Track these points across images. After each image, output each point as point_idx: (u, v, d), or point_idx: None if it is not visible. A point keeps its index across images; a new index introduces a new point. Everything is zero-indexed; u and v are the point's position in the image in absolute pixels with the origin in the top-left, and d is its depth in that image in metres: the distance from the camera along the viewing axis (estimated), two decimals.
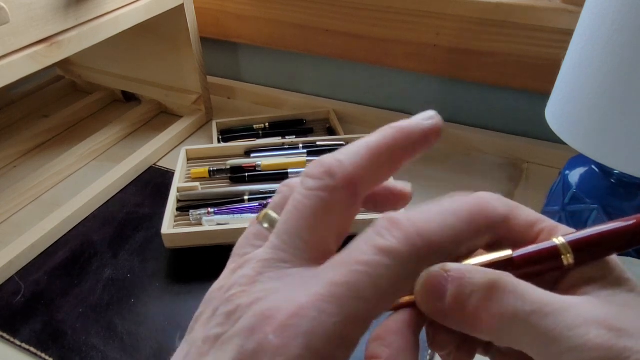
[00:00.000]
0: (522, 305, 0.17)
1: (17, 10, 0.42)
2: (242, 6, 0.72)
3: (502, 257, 0.20)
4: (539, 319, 0.17)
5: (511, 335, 0.17)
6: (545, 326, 0.17)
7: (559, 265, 0.19)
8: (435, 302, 0.19)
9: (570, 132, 0.36)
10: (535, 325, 0.17)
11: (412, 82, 0.69)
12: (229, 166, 0.57)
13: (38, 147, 0.67)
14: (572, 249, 0.19)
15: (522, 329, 0.17)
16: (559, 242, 0.19)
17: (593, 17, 0.33)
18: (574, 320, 0.17)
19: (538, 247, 0.20)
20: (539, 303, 0.17)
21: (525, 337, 0.17)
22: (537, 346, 0.17)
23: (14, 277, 0.47)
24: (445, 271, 0.19)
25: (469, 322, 0.18)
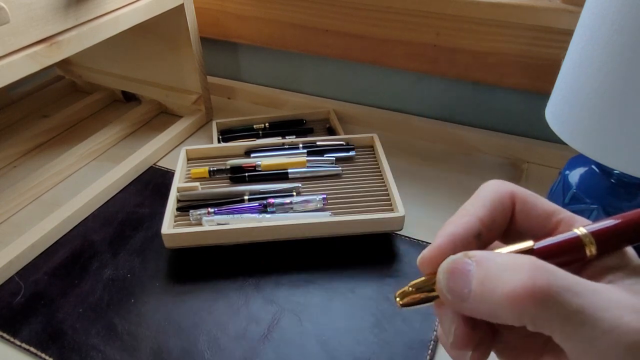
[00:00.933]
0: (555, 280, 0.16)
1: (17, 10, 0.42)
2: (242, 6, 0.72)
3: (523, 248, 0.20)
4: (572, 296, 0.16)
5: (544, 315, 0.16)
6: (579, 304, 0.16)
7: (581, 256, 0.19)
8: (461, 288, 0.18)
9: (570, 132, 0.36)
10: (568, 303, 0.16)
11: (412, 82, 0.69)
12: (229, 166, 0.57)
13: (38, 147, 0.67)
14: (595, 239, 0.19)
15: (555, 306, 0.16)
16: (581, 233, 0.19)
17: (593, 17, 0.33)
18: (608, 302, 0.16)
19: (560, 238, 0.19)
20: (572, 281, 0.16)
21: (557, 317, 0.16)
22: (569, 327, 0.16)
23: (14, 277, 0.47)
24: (469, 257, 0.18)
25: (499, 303, 0.17)
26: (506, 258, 0.18)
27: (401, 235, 0.50)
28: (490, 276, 0.17)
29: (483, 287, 0.17)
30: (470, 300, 0.18)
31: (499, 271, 0.17)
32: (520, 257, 0.17)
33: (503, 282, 0.17)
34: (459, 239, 0.20)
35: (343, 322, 0.42)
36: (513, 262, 0.17)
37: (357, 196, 0.52)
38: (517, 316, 0.17)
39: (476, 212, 0.21)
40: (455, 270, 0.18)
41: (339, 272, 0.47)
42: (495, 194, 0.21)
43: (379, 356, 0.39)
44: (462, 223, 0.21)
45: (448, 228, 0.21)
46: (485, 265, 0.18)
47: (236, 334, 0.41)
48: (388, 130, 0.68)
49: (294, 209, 0.50)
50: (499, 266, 0.17)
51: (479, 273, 0.18)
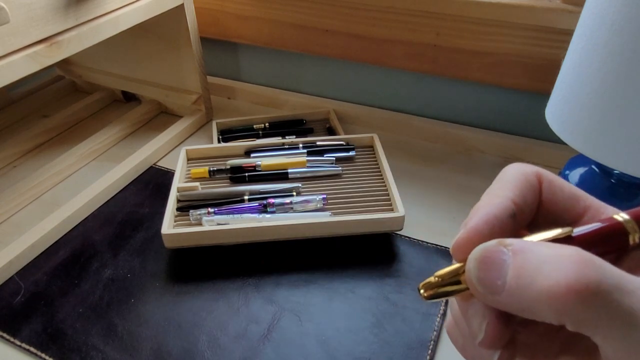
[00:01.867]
0: (605, 277, 0.14)
1: (17, 10, 0.42)
2: (242, 6, 0.72)
3: (561, 234, 0.18)
4: (622, 295, 0.14)
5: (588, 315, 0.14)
6: (628, 305, 0.14)
7: (624, 244, 0.18)
8: (494, 280, 0.16)
9: (570, 132, 0.36)
10: (618, 303, 0.14)
11: (412, 82, 0.69)
12: (229, 166, 0.57)
13: (38, 147, 0.67)
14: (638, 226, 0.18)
15: (603, 306, 0.14)
16: (623, 219, 0.18)
17: (593, 17, 0.33)
18: None
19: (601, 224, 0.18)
20: (622, 278, 0.15)
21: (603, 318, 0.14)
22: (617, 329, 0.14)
23: (14, 277, 0.47)
24: (505, 245, 0.17)
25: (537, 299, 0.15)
26: (548, 248, 0.16)
27: (401, 235, 0.50)
28: (528, 268, 0.16)
29: (520, 280, 0.16)
30: (504, 293, 0.16)
31: (539, 263, 0.15)
32: (565, 248, 0.15)
33: (544, 276, 0.15)
34: (495, 219, 0.18)
35: (343, 322, 0.42)
36: (557, 254, 0.15)
37: (357, 196, 0.52)
38: (557, 314, 0.15)
39: (506, 192, 0.19)
40: (488, 260, 0.17)
41: (339, 272, 0.47)
42: (522, 174, 0.20)
43: (379, 356, 0.39)
44: (496, 203, 0.19)
45: (482, 209, 0.19)
46: (524, 255, 0.16)
47: (236, 334, 0.41)
48: (388, 130, 0.68)
49: (294, 209, 0.50)
50: (540, 257, 0.16)
51: (515, 264, 0.16)
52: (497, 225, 0.18)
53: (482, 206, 0.19)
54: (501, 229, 0.18)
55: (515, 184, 0.20)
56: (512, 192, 0.19)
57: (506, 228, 0.19)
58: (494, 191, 0.20)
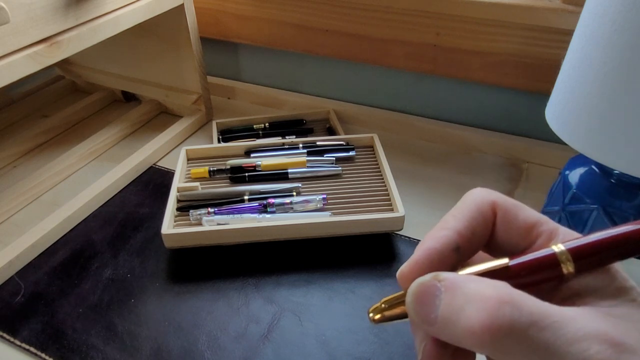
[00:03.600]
0: (520, 317, 0.16)
1: (17, 10, 0.42)
2: (242, 6, 0.72)
3: (498, 265, 0.19)
4: (537, 331, 0.16)
5: (507, 349, 0.16)
6: (544, 340, 0.16)
7: (558, 274, 0.18)
8: (428, 313, 0.18)
9: (570, 132, 0.36)
10: (533, 339, 0.16)
11: (412, 82, 0.69)
12: (229, 166, 0.57)
13: (38, 147, 0.67)
14: (572, 257, 0.18)
15: (519, 342, 0.16)
16: (558, 250, 0.18)
17: (593, 17, 0.33)
18: (575, 334, 0.16)
19: (536, 255, 0.19)
20: (538, 315, 0.16)
21: (522, 351, 0.16)
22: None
23: (14, 277, 0.47)
24: (439, 280, 0.18)
25: (462, 335, 0.17)
26: (475, 287, 0.17)
27: (401, 235, 0.50)
28: (455, 306, 0.17)
29: (448, 316, 0.17)
30: (437, 325, 0.18)
31: (464, 302, 0.17)
32: (489, 289, 0.17)
33: (466, 316, 0.17)
34: (435, 253, 0.20)
35: (343, 322, 0.42)
36: (480, 294, 0.17)
37: (357, 196, 0.52)
38: (479, 349, 0.17)
39: (455, 225, 0.21)
40: (423, 294, 0.18)
41: (339, 272, 0.47)
42: (475, 205, 0.21)
43: (379, 356, 0.39)
44: (440, 237, 0.20)
45: (426, 242, 0.21)
46: (453, 293, 0.18)
47: (236, 334, 0.41)
48: (388, 130, 0.68)
49: (294, 209, 0.50)
50: (465, 297, 0.17)
51: (445, 300, 0.18)
52: (437, 260, 0.20)
53: (429, 238, 0.21)
54: (441, 263, 0.20)
55: (466, 214, 0.21)
56: (461, 223, 0.21)
57: (448, 261, 0.20)
58: (446, 220, 0.21)
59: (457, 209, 0.21)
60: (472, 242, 0.21)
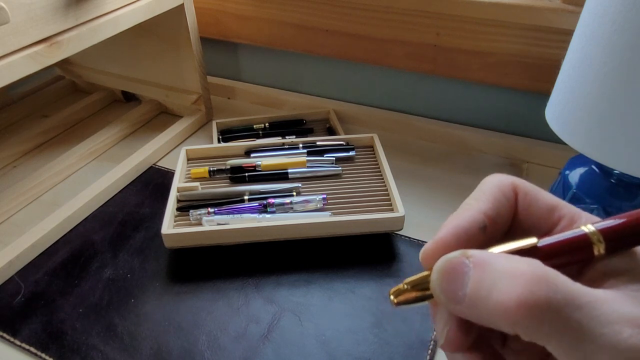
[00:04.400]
0: (556, 294, 0.15)
1: (17, 10, 0.42)
2: (242, 6, 0.72)
3: (526, 245, 0.18)
4: (572, 310, 0.15)
5: (539, 328, 0.15)
6: (578, 319, 0.15)
7: (588, 255, 0.18)
8: (456, 291, 0.17)
9: (570, 132, 0.36)
10: (567, 318, 0.15)
11: (412, 82, 0.69)
12: (229, 166, 0.57)
13: (38, 147, 0.67)
14: (603, 238, 0.18)
15: (552, 321, 0.15)
16: (589, 231, 0.18)
17: (593, 17, 0.33)
18: (608, 315, 0.15)
19: (566, 235, 0.18)
20: (573, 293, 0.16)
21: (554, 331, 0.15)
22: (567, 342, 0.15)
23: (14, 277, 0.47)
24: (467, 257, 0.17)
25: (493, 312, 0.16)
26: (506, 263, 0.17)
27: (401, 235, 0.50)
28: (486, 281, 0.16)
29: (478, 292, 0.17)
30: (465, 304, 0.17)
31: (496, 278, 0.16)
32: (522, 264, 0.16)
33: (498, 291, 0.16)
34: (463, 231, 0.19)
35: (343, 322, 0.42)
36: (512, 270, 0.16)
37: (357, 196, 0.52)
38: (511, 326, 0.16)
39: (480, 205, 0.20)
40: (450, 271, 0.18)
41: (339, 272, 0.47)
42: (497, 187, 0.21)
43: (379, 356, 0.39)
44: (467, 215, 0.20)
45: (452, 221, 0.20)
46: (483, 269, 0.17)
47: (236, 334, 0.41)
48: (388, 130, 0.68)
49: (294, 209, 0.50)
50: (497, 272, 0.16)
51: (475, 277, 0.17)
52: (465, 238, 0.19)
53: (453, 218, 0.20)
54: (469, 242, 0.19)
55: (489, 196, 0.20)
56: (485, 205, 0.20)
57: (475, 240, 0.19)
58: (468, 203, 0.20)
59: (478, 192, 0.21)
60: (497, 223, 0.20)
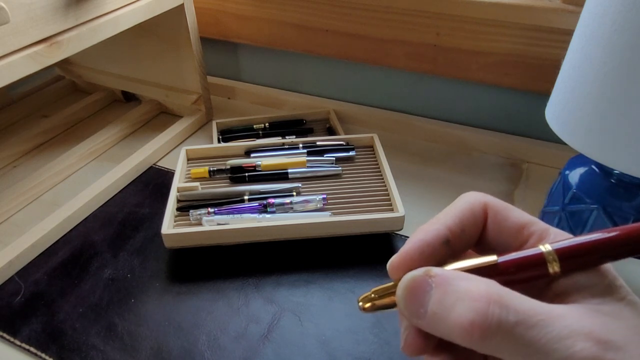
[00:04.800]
0: (507, 316, 0.16)
1: (17, 10, 0.42)
2: (242, 6, 0.72)
3: (486, 262, 0.20)
4: (524, 330, 0.16)
5: (494, 345, 0.17)
6: (530, 337, 0.16)
7: (544, 273, 0.19)
8: (418, 307, 0.18)
9: (570, 132, 0.36)
10: (519, 337, 0.16)
11: (412, 82, 0.69)
12: (229, 166, 0.57)
13: (38, 147, 0.67)
14: (558, 257, 0.19)
15: (506, 339, 0.16)
16: (545, 250, 0.19)
17: (593, 17, 0.33)
18: (560, 331, 0.16)
19: (523, 253, 0.19)
20: (525, 313, 0.17)
21: (508, 348, 0.16)
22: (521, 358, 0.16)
23: (14, 277, 0.47)
24: (430, 276, 0.19)
25: (451, 330, 0.17)
26: (465, 286, 0.18)
27: (401, 235, 0.50)
28: (446, 302, 0.18)
29: (438, 311, 0.18)
30: (425, 320, 0.18)
31: (454, 299, 0.17)
32: (480, 285, 0.17)
33: (456, 312, 0.17)
34: (426, 245, 0.21)
35: (343, 322, 0.42)
36: (470, 291, 0.17)
37: (357, 196, 0.52)
38: (467, 344, 0.17)
39: (446, 220, 0.21)
40: (414, 289, 0.19)
41: (339, 272, 0.47)
42: (468, 204, 0.22)
43: (379, 356, 0.39)
44: (431, 230, 0.21)
45: (417, 235, 0.21)
46: (444, 289, 0.18)
47: (236, 334, 0.41)
48: (388, 130, 0.68)
49: (294, 209, 0.50)
50: (456, 294, 0.18)
51: (436, 296, 0.18)
52: (428, 252, 0.21)
53: (420, 231, 0.21)
54: (431, 255, 0.21)
55: (458, 212, 0.22)
56: (452, 220, 0.21)
57: (438, 254, 0.21)
58: (437, 217, 0.22)
59: (449, 207, 0.22)
60: (462, 238, 0.22)
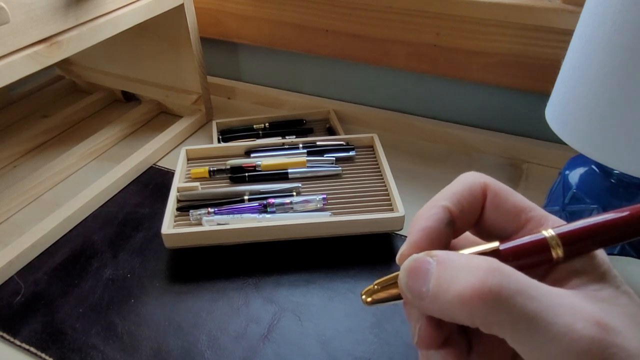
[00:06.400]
0: (508, 283, 0.16)
1: (17, 10, 0.42)
2: (242, 6, 0.72)
3: (488, 248, 0.19)
4: (525, 299, 0.16)
5: (494, 317, 0.16)
6: (531, 309, 0.16)
7: (547, 258, 0.19)
8: (420, 287, 0.18)
9: (570, 132, 0.36)
10: (520, 306, 0.16)
11: (412, 82, 0.69)
12: (229, 166, 0.57)
13: (38, 147, 0.67)
14: (562, 242, 0.19)
15: (506, 309, 0.16)
16: (548, 235, 0.19)
17: (593, 17, 0.33)
18: (561, 307, 0.16)
19: (526, 239, 0.19)
20: (526, 284, 0.16)
21: (508, 320, 0.16)
22: (521, 330, 0.16)
23: (14, 277, 0.47)
24: (431, 256, 0.19)
25: (452, 304, 0.17)
26: (465, 259, 0.18)
27: (401, 235, 0.50)
28: (446, 276, 0.18)
29: (439, 286, 0.18)
30: (428, 299, 0.18)
31: (454, 271, 0.17)
32: (479, 259, 0.17)
33: (456, 283, 0.17)
34: (432, 231, 0.20)
35: (343, 322, 0.42)
36: (469, 263, 0.17)
37: (357, 196, 0.52)
38: (468, 317, 0.17)
39: (444, 202, 0.21)
40: (415, 269, 0.19)
41: (339, 272, 0.47)
42: (467, 184, 0.22)
43: (379, 356, 0.39)
44: (432, 215, 0.21)
45: (420, 222, 0.21)
46: (444, 265, 0.18)
47: (236, 334, 0.41)
48: (388, 130, 0.68)
49: (294, 209, 0.50)
50: (456, 267, 0.17)
51: (437, 273, 0.18)
52: (435, 237, 0.20)
53: (421, 217, 0.21)
54: (439, 239, 0.20)
55: (456, 193, 0.21)
56: (450, 201, 0.21)
57: (444, 236, 0.21)
58: (435, 199, 0.22)
59: (448, 187, 0.22)
60: (461, 219, 0.21)
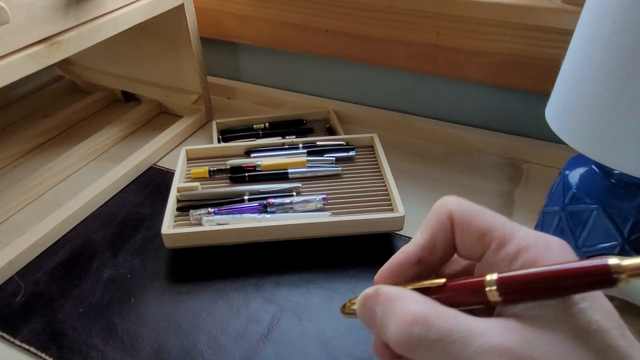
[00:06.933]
0: (427, 334, 0.18)
1: (17, 10, 0.42)
2: (242, 6, 0.72)
3: (435, 283, 0.21)
4: (444, 345, 0.18)
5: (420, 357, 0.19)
6: (449, 353, 0.18)
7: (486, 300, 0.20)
8: (369, 319, 0.21)
9: (570, 132, 0.36)
10: (439, 351, 0.18)
11: (412, 82, 0.69)
12: (229, 166, 0.57)
13: (38, 147, 0.67)
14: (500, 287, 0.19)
15: (427, 352, 0.18)
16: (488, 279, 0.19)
17: (593, 17, 0.33)
18: (478, 349, 0.17)
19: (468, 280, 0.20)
20: (446, 331, 0.18)
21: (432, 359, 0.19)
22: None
23: (14, 277, 0.47)
24: (378, 294, 0.21)
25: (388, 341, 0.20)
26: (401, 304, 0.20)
27: (401, 235, 0.50)
28: (385, 318, 0.20)
29: (380, 325, 0.21)
30: (375, 330, 0.21)
31: (390, 316, 0.20)
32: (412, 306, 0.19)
33: (389, 328, 0.20)
34: (398, 267, 0.23)
35: (343, 322, 0.42)
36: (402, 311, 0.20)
37: (357, 196, 0.52)
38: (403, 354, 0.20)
39: (419, 240, 0.23)
40: (365, 305, 0.22)
41: (339, 272, 0.47)
42: (435, 216, 0.23)
43: None
44: (405, 252, 0.23)
45: (396, 255, 0.24)
46: (386, 307, 0.21)
47: (236, 334, 0.41)
48: (388, 130, 0.68)
49: (294, 209, 0.50)
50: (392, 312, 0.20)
51: (379, 312, 0.21)
52: (399, 274, 0.23)
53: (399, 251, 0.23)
54: (402, 276, 0.23)
55: (428, 229, 0.23)
56: (423, 239, 0.23)
57: (409, 273, 0.23)
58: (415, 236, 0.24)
59: (424, 221, 0.24)
60: (435, 253, 0.23)
